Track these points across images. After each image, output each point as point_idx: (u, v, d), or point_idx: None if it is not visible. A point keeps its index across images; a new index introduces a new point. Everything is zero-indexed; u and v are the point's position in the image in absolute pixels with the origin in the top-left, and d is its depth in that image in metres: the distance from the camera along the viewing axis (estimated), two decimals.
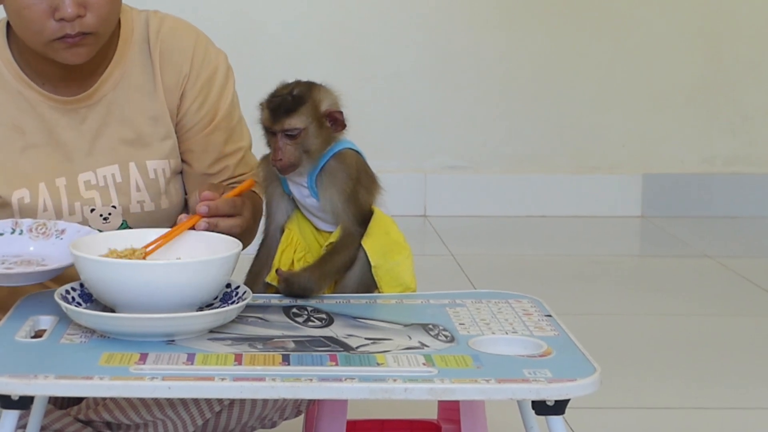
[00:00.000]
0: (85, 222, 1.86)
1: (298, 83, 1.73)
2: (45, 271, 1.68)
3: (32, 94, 1.85)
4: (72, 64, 1.79)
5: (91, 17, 1.74)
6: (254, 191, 1.85)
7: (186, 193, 1.97)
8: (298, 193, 1.76)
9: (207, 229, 1.67)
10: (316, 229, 1.78)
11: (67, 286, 1.60)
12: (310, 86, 1.73)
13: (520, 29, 4.44)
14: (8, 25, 1.86)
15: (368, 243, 1.72)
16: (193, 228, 1.67)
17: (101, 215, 1.88)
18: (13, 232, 1.78)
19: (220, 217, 1.68)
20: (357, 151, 1.76)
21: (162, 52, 1.89)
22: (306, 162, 1.71)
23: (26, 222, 1.79)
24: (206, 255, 1.57)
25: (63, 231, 1.78)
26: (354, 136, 1.77)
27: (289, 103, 1.69)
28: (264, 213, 1.81)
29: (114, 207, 1.88)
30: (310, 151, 1.70)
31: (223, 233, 1.66)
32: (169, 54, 1.89)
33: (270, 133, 1.71)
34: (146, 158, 1.88)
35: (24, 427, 1.58)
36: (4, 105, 1.85)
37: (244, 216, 1.73)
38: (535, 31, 4.44)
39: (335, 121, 1.72)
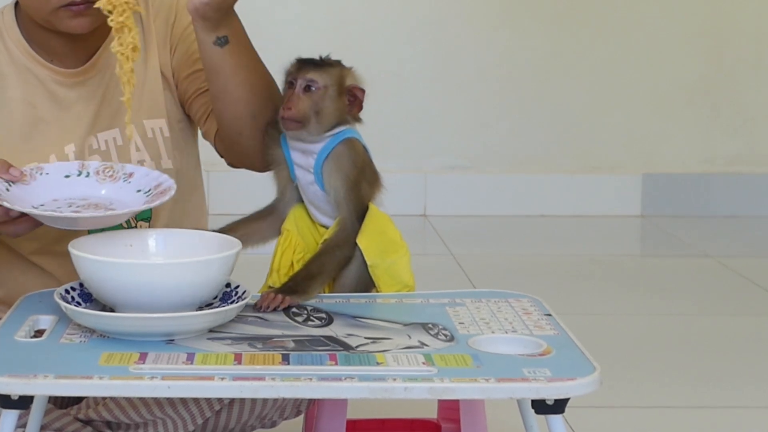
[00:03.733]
0: None
1: (331, 58, 1.76)
2: (113, 215, 1.66)
3: (40, 70, 1.88)
4: (76, 34, 1.82)
5: None
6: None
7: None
8: (303, 179, 1.76)
9: None
10: (314, 223, 1.78)
11: (67, 286, 1.60)
12: (340, 62, 1.76)
13: (521, 29, 4.44)
14: (16, 4, 1.89)
15: (363, 242, 1.72)
16: None
17: None
18: (79, 174, 1.77)
19: None
20: (364, 146, 1.77)
21: (154, 13, 1.93)
22: (313, 126, 1.71)
23: (93, 164, 1.78)
24: (206, 254, 1.57)
25: (131, 174, 1.78)
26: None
27: (319, 61, 1.74)
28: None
29: None
30: (320, 113, 1.71)
31: None
32: (157, 12, 1.93)
33: (290, 86, 1.73)
34: (143, 118, 1.90)
35: (24, 426, 1.58)
36: (14, 80, 1.88)
37: None
38: (536, 30, 4.44)
39: (354, 100, 1.73)
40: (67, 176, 1.76)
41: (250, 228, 1.81)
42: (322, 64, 1.73)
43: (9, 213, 1.66)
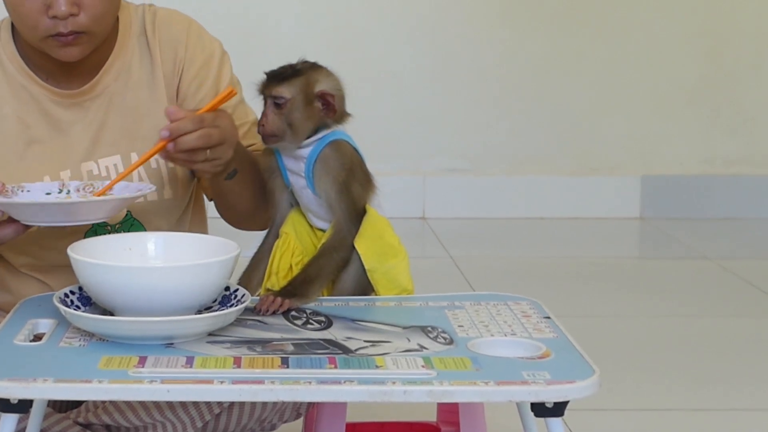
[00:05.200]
0: None
1: (304, 61, 1.75)
2: (109, 199, 1.68)
3: (36, 89, 1.86)
4: (67, 62, 1.80)
5: (85, 16, 1.74)
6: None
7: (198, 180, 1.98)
8: (296, 183, 1.76)
9: (174, 151, 1.65)
10: (312, 228, 1.78)
11: (66, 290, 1.60)
12: (313, 66, 1.75)
13: (520, 30, 4.44)
14: None
15: (362, 246, 1.72)
16: (166, 153, 1.66)
17: None
18: (60, 192, 1.77)
19: (184, 135, 1.65)
20: (354, 147, 1.76)
21: (161, 42, 1.90)
22: (289, 137, 1.72)
23: (73, 183, 1.79)
24: (205, 258, 1.57)
25: (110, 189, 1.78)
26: (352, 136, 1.77)
27: (284, 73, 1.72)
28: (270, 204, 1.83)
29: None
30: (293, 125, 1.71)
31: (190, 149, 1.65)
32: (165, 43, 1.91)
33: (264, 101, 1.73)
34: (147, 148, 1.88)
35: (23, 430, 1.58)
36: (8, 99, 1.85)
37: (220, 126, 1.69)
38: (536, 31, 4.45)
39: (327, 105, 1.72)
40: (48, 193, 1.76)
41: (263, 256, 1.82)
42: (289, 75, 1.72)
43: None
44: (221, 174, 1.79)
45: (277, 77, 1.72)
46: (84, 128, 1.87)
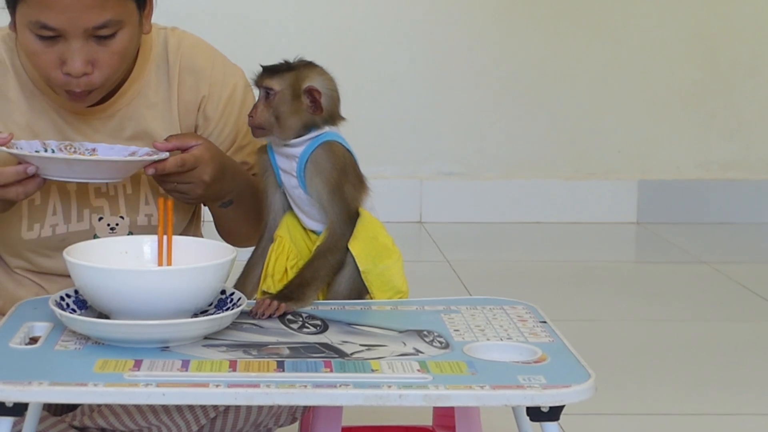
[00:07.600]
0: (91, 230, 1.86)
1: (302, 59, 1.77)
2: (134, 161, 1.75)
3: (48, 100, 1.85)
4: None
5: (99, 75, 1.74)
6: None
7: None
8: (287, 183, 1.76)
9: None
10: (305, 231, 1.78)
11: (62, 293, 1.60)
12: (308, 63, 1.77)
13: (517, 34, 4.45)
14: None
15: (356, 248, 1.72)
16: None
17: (108, 225, 1.88)
18: (45, 151, 1.77)
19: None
20: (347, 149, 1.76)
21: (181, 69, 1.89)
22: (277, 131, 1.73)
23: (53, 142, 1.79)
24: (201, 261, 1.57)
25: (94, 150, 1.80)
26: (349, 140, 1.78)
27: (279, 66, 1.75)
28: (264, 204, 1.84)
29: (122, 218, 1.88)
30: (279, 118, 1.72)
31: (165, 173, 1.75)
32: (188, 71, 1.90)
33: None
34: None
35: None
36: (20, 106, 1.85)
37: (193, 153, 1.79)
38: (532, 35, 4.45)
39: (314, 101, 1.73)
40: (36, 151, 1.76)
41: (258, 260, 1.82)
42: (281, 69, 1.74)
43: (26, 170, 1.69)
44: (215, 202, 1.85)
45: (270, 70, 1.74)
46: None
